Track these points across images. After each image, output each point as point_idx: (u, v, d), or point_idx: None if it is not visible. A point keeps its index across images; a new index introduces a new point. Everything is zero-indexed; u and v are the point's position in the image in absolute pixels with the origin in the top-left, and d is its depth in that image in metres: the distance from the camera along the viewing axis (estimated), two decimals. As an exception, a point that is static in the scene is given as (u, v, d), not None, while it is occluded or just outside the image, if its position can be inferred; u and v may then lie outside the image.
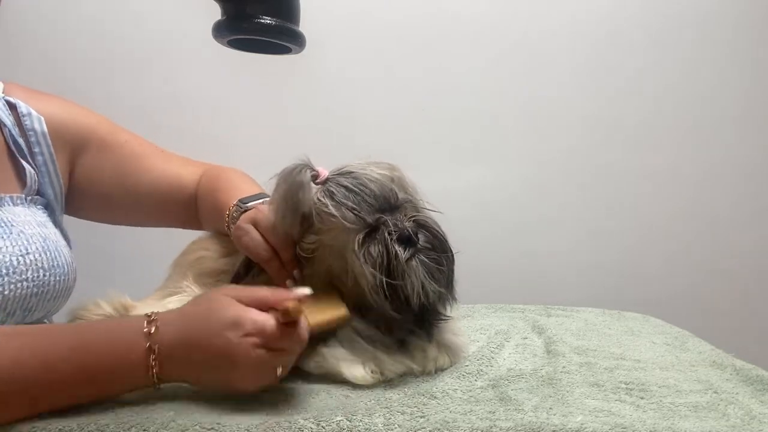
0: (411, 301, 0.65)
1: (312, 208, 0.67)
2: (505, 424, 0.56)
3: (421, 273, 0.65)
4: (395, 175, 0.70)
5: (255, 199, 0.80)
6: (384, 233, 0.65)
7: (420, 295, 0.65)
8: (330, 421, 0.56)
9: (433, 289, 0.66)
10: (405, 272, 0.64)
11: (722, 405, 0.63)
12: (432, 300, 0.67)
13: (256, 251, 0.72)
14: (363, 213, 0.65)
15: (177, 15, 1.31)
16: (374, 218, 0.66)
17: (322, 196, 0.67)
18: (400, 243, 0.65)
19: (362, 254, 0.65)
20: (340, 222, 0.65)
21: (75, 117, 0.87)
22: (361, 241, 0.65)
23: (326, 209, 0.66)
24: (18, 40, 1.31)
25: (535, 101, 1.41)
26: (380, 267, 0.64)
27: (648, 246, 1.47)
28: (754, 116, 1.45)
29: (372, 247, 0.65)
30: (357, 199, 0.66)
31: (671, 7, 1.40)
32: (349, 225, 0.65)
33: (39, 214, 0.80)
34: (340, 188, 0.67)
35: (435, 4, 1.37)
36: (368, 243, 0.65)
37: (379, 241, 0.65)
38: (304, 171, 0.67)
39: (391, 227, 0.65)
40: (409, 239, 0.65)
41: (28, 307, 0.72)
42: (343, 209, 0.65)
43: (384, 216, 0.66)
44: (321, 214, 0.67)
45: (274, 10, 0.70)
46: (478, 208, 1.42)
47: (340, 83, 1.38)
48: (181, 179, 0.92)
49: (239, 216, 0.77)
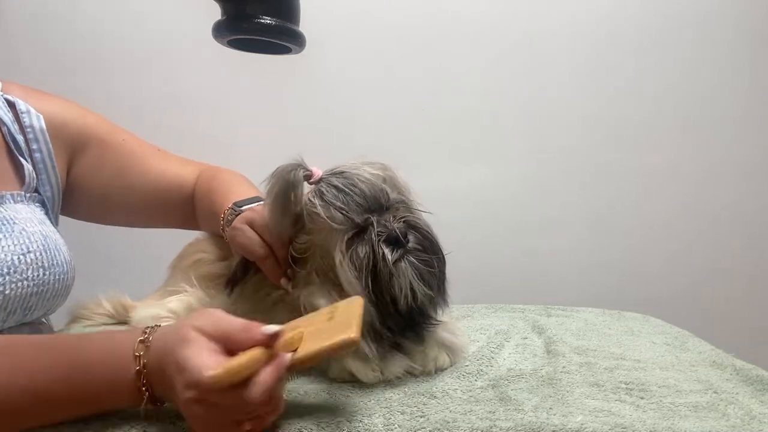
0: (398, 303, 0.64)
1: (303, 208, 0.67)
2: (505, 424, 0.56)
3: (409, 274, 0.64)
4: (387, 174, 0.70)
5: (249, 202, 0.79)
6: (371, 234, 0.64)
7: (408, 298, 0.64)
8: (330, 421, 0.56)
9: (423, 291, 0.65)
10: (392, 274, 0.63)
11: (722, 405, 0.63)
12: (421, 302, 0.66)
13: (251, 248, 0.71)
14: (351, 213, 0.65)
15: (177, 15, 1.31)
16: (362, 218, 0.65)
17: (312, 196, 0.67)
18: (387, 244, 0.64)
19: (349, 255, 0.64)
20: (327, 222, 0.65)
21: (74, 116, 0.87)
22: (349, 242, 0.64)
23: (314, 209, 0.66)
24: (18, 41, 1.31)
25: (536, 101, 1.41)
26: (366, 268, 0.63)
27: (648, 245, 1.47)
28: (754, 116, 1.45)
29: (359, 248, 0.64)
30: (346, 199, 0.65)
31: (671, 7, 1.40)
32: (336, 225, 0.65)
33: (38, 211, 0.79)
34: (331, 188, 0.66)
35: (435, 4, 1.37)
36: (356, 243, 0.64)
37: (366, 242, 0.64)
38: (296, 171, 0.67)
39: (379, 228, 0.64)
40: (398, 240, 0.64)
41: (29, 305, 0.72)
42: (331, 209, 0.65)
43: (372, 217, 0.65)
44: (311, 214, 0.67)
45: (274, 10, 0.70)
46: (479, 207, 1.42)
47: (340, 83, 1.38)
48: (178, 179, 0.92)
49: (234, 219, 0.76)
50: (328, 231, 0.66)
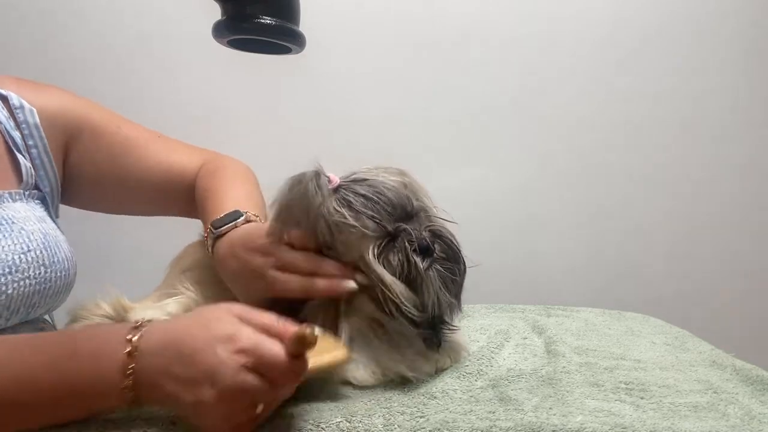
0: (427, 310, 0.64)
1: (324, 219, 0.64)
2: (505, 424, 0.56)
3: (437, 283, 0.64)
4: (407, 180, 0.69)
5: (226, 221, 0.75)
6: (404, 242, 0.64)
7: (435, 305, 0.65)
8: (329, 422, 0.56)
9: (446, 299, 0.65)
10: (423, 282, 0.64)
11: (722, 405, 0.63)
12: (444, 310, 0.66)
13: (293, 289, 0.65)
14: (384, 221, 0.65)
15: (177, 15, 1.31)
16: (394, 227, 0.65)
17: (339, 206, 0.65)
18: (418, 253, 0.64)
19: (381, 263, 0.64)
20: (360, 231, 0.64)
21: (67, 105, 0.85)
22: (380, 250, 0.64)
23: (343, 219, 0.64)
24: (17, 41, 1.31)
25: (535, 101, 1.41)
26: (400, 276, 0.64)
27: (648, 246, 1.47)
28: (754, 115, 1.45)
29: (391, 256, 0.64)
30: (376, 207, 0.65)
31: (671, 7, 1.40)
32: (370, 233, 0.64)
33: (37, 209, 0.79)
34: (358, 197, 0.65)
35: (436, 4, 1.37)
36: (386, 252, 0.64)
37: (399, 250, 0.64)
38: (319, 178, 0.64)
39: (412, 236, 0.64)
40: (428, 249, 0.64)
41: (31, 303, 0.72)
42: (363, 218, 0.64)
43: (403, 225, 0.65)
44: (337, 224, 0.64)
45: (274, 10, 0.70)
46: (479, 207, 1.42)
47: (340, 83, 1.38)
48: (179, 167, 0.90)
49: (214, 242, 0.74)
50: (358, 239, 0.65)
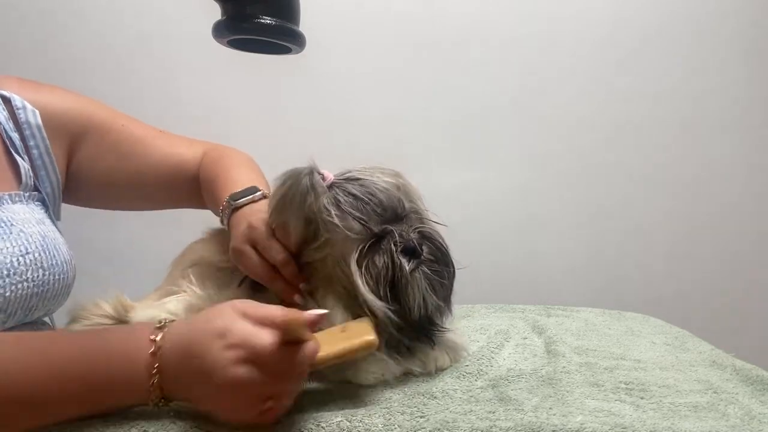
0: (412, 312, 0.65)
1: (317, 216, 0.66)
2: (505, 424, 0.56)
3: (423, 285, 0.64)
4: (401, 182, 0.70)
5: (245, 194, 0.78)
6: (389, 244, 0.64)
7: (420, 307, 0.65)
8: (330, 421, 0.56)
9: (433, 302, 0.66)
10: (408, 284, 0.64)
11: (722, 405, 0.63)
12: (430, 312, 0.66)
13: (258, 272, 0.70)
14: (370, 223, 0.65)
15: (177, 15, 1.31)
16: (380, 229, 0.65)
17: (328, 204, 0.65)
18: (404, 254, 0.64)
19: (365, 264, 0.64)
20: (343, 232, 0.64)
21: (71, 106, 0.86)
22: (365, 251, 0.64)
23: (330, 218, 0.65)
24: (17, 41, 1.31)
25: (535, 101, 1.41)
26: (384, 278, 0.64)
27: (648, 246, 1.47)
28: (755, 115, 1.45)
29: (377, 258, 0.64)
30: (365, 208, 0.65)
31: (671, 7, 1.40)
32: (353, 235, 0.64)
33: (37, 210, 0.79)
34: (348, 196, 0.65)
35: (436, 4, 1.37)
36: (372, 253, 0.64)
37: (384, 252, 0.64)
38: (311, 175, 0.65)
39: (397, 238, 0.64)
40: (414, 251, 0.64)
41: (29, 306, 0.72)
42: (349, 219, 0.64)
43: (390, 226, 0.65)
44: (326, 222, 0.65)
45: (274, 10, 0.70)
46: (479, 207, 1.42)
47: (340, 83, 1.38)
48: (182, 160, 0.92)
49: (231, 213, 0.76)
50: (343, 240, 0.65)
